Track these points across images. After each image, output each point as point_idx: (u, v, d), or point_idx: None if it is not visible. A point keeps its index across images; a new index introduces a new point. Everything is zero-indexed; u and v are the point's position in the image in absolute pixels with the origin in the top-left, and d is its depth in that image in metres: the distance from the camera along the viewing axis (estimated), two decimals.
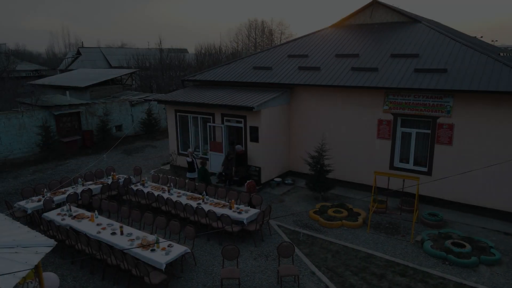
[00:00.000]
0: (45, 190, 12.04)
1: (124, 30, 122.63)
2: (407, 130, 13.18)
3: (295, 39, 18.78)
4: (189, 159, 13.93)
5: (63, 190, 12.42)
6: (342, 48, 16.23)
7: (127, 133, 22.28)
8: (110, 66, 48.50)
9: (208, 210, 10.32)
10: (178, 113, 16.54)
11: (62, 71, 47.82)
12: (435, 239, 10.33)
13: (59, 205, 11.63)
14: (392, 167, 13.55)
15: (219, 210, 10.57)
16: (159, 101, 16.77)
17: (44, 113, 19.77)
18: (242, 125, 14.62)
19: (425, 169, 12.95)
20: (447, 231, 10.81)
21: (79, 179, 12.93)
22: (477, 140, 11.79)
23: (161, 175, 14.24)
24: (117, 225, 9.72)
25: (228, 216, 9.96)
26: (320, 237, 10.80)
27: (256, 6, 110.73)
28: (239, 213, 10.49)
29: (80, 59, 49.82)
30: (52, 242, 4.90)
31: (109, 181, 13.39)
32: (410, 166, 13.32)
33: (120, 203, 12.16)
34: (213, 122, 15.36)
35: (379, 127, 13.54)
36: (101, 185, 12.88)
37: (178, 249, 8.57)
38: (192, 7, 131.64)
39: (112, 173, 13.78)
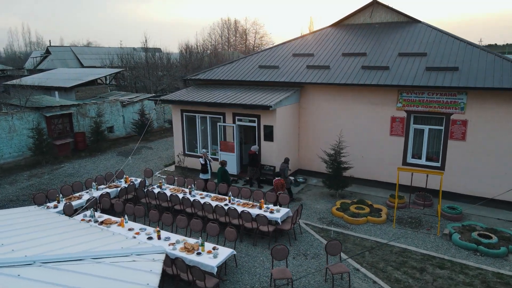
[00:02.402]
0: (60, 195, 11.40)
1: (90, 29, 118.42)
2: (420, 126, 13.55)
3: (296, 39, 18.83)
4: (203, 161, 13.63)
5: (77, 195, 11.82)
6: (347, 47, 16.45)
7: (124, 133, 21.51)
8: (82, 66, 46.71)
9: (242, 211, 10.15)
10: (184, 113, 16.17)
11: (31, 71, 45.51)
12: (461, 232, 10.68)
13: (75, 211, 11.05)
14: (405, 163, 13.88)
15: (251, 211, 10.41)
16: (165, 101, 16.32)
17: (35, 114, 18.74)
18: (255, 124, 14.49)
19: (438, 164, 13.37)
20: (470, 223, 11.22)
21: (93, 183, 12.34)
22: (490, 135, 12.30)
23: (176, 177, 13.85)
24: (150, 229, 9.35)
25: (264, 217, 9.84)
26: (350, 233, 10.89)
27: (228, 5, 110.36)
28: (271, 212, 10.39)
29: (50, 59, 47.53)
30: (163, 248, 4.61)
31: (122, 184, 12.89)
32: (423, 161, 13.70)
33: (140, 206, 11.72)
34: (224, 121, 15.14)
35: (392, 124, 13.84)
36: (116, 189, 12.37)
37: (224, 252, 8.37)
38: (153, 6, 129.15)
39: (125, 176, 13.25)
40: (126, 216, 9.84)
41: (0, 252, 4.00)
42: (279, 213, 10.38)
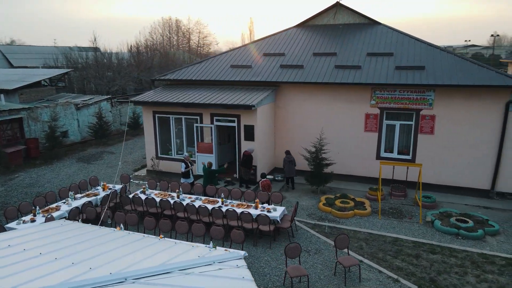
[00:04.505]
0: (37, 208, 10.38)
1: (12, 27, 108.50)
2: (392, 122, 14.38)
3: (263, 38, 18.97)
4: (185, 165, 13.20)
5: (54, 206, 10.85)
6: (317, 47, 16.94)
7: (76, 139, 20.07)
8: (12, 66, 42.75)
9: (242, 212, 10.04)
10: (157, 115, 15.55)
11: None
12: (440, 218, 11.54)
13: None
14: (378, 157, 14.65)
15: (249, 211, 10.32)
16: (136, 103, 15.52)
17: None
18: (235, 124, 14.37)
19: (409, 157, 14.29)
20: (445, 210, 12.16)
21: (70, 193, 11.41)
22: (456, 128, 13.42)
23: (158, 182, 13.26)
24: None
25: (266, 216, 9.83)
26: (342, 227, 11.26)
27: (166, 4, 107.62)
28: (269, 212, 10.41)
29: None
30: (240, 253, 4.38)
31: (100, 192, 12.08)
32: (395, 155, 14.57)
33: (132, 214, 11.07)
34: (201, 122, 14.81)
35: (367, 121, 14.53)
36: (96, 197, 11.57)
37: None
38: (84, 3, 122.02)
39: (102, 183, 12.42)
40: (122, 225, 9.23)
41: (78, 271, 3.57)
42: (277, 212, 10.42)
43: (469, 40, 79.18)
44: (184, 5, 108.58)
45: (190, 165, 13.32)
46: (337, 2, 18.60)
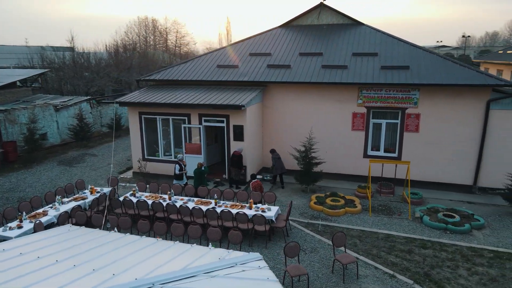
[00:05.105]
0: (23, 214, 9.99)
1: None
2: (378, 121, 14.66)
3: (248, 38, 18.94)
4: (179, 167, 13.01)
5: (41, 211, 10.48)
6: (302, 47, 17.06)
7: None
8: None
9: (237, 213, 10.00)
10: (143, 116, 15.27)
11: None
12: (428, 214, 11.86)
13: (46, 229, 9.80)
14: (365, 155, 14.91)
15: (244, 212, 10.29)
16: (122, 104, 15.16)
17: None
18: (224, 124, 14.29)
19: (395, 155, 14.61)
20: (432, 205, 12.50)
21: (57, 197, 11.04)
22: (440, 126, 13.82)
23: (149, 184, 13.02)
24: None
25: (262, 216, 9.82)
26: (335, 225, 11.40)
27: (145, 4, 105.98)
28: (263, 211, 10.40)
29: None
30: (258, 254, 4.32)
31: (87, 195, 11.76)
32: (381, 153, 14.86)
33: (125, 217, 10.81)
34: (189, 123, 14.65)
35: (354, 120, 14.75)
36: (84, 201, 11.25)
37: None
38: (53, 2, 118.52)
39: (90, 186, 12.08)
40: (115, 229, 9.01)
41: (102, 278, 3.43)
42: (271, 211, 10.44)
43: (441, 41, 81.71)
44: (161, 4, 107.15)
45: (184, 168, 13.15)
46: (321, 3, 18.81)
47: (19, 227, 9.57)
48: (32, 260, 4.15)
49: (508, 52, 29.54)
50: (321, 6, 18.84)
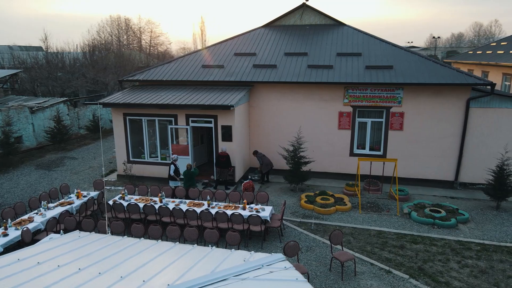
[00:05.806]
0: (9, 221, 9.53)
1: None
2: (364, 120, 14.93)
3: (232, 38, 18.86)
4: (174, 167, 12.78)
5: (26, 217, 10.04)
6: (287, 47, 17.15)
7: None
8: None
9: (232, 214, 9.93)
10: (128, 117, 14.92)
11: None
12: (416, 210, 12.19)
13: (34, 235, 9.42)
14: (352, 153, 15.16)
15: (240, 212, 10.24)
16: (106, 105, 14.73)
17: None
18: (212, 125, 14.17)
19: (380, 153, 14.94)
20: (419, 201, 12.86)
21: (42, 202, 10.61)
22: (423, 124, 14.23)
23: (136, 187, 12.71)
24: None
25: (257, 217, 9.80)
26: (327, 223, 11.52)
27: (117, 2, 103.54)
28: (257, 212, 10.39)
29: None
30: (281, 255, 4.26)
31: (74, 200, 11.38)
32: (367, 151, 15.16)
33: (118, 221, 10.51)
34: (176, 123, 14.43)
35: (340, 119, 14.97)
36: (71, 205, 10.86)
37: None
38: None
39: (76, 191, 11.68)
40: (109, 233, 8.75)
41: (133, 285, 3.28)
42: (266, 211, 10.44)
43: (412, 42, 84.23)
44: (133, 3, 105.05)
45: (178, 167, 12.94)
46: (303, 3, 18.97)
47: (5, 234, 9.13)
48: (53, 269, 3.94)
49: (478, 52, 30.79)
50: (304, 6, 19.01)
